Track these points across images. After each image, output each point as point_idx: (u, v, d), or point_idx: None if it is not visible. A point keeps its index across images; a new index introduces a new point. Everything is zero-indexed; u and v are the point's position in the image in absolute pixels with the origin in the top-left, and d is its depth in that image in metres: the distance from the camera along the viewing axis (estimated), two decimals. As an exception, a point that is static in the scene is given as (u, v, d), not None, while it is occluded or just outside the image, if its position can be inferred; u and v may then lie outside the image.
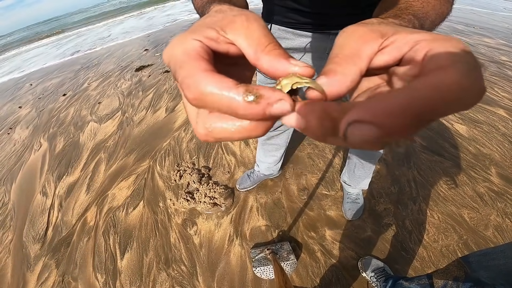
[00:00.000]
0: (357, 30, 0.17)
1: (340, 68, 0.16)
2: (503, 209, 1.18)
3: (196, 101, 0.15)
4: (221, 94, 0.14)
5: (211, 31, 0.17)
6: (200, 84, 0.14)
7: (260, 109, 0.14)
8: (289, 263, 1.04)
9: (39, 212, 1.62)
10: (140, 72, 3.41)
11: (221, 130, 0.15)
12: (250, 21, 0.17)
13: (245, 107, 0.14)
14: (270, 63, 0.16)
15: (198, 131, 0.16)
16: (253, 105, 0.14)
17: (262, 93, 0.14)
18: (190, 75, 0.15)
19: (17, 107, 3.41)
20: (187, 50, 0.16)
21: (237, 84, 0.14)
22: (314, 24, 0.63)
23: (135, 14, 9.64)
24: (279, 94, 0.14)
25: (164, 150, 1.87)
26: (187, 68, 0.15)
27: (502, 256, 0.55)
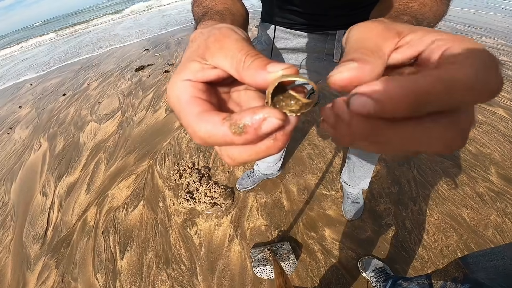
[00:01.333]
0: (375, 27, 0.17)
1: (370, 59, 0.15)
2: (503, 209, 1.18)
3: (203, 143, 0.16)
4: (215, 134, 0.15)
5: (194, 64, 0.18)
6: (196, 132, 0.16)
7: (251, 136, 0.14)
8: (289, 263, 1.04)
9: (39, 212, 1.62)
10: (140, 72, 3.41)
11: (241, 156, 0.16)
12: (221, 41, 0.18)
13: (238, 139, 0.15)
14: (252, 78, 0.16)
15: (225, 160, 0.18)
16: (244, 135, 0.14)
17: (243, 121, 0.14)
18: (187, 125, 0.16)
19: (17, 107, 3.41)
20: (179, 97, 0.17)
21: (223, 119, 0.15)
22: (312, 25, 0.63)
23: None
24: (260, 113, 0.14)
25: (164, 150, 1.87)
26: (183, 117, 0.17)
27: (501, 257, 0.55)
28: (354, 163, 1.10)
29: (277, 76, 0.15)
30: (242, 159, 0.17)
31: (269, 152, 0.16)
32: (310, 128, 1.82)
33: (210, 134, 0.15)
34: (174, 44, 4.36)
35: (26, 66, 5.85)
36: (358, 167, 1.10)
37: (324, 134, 1.76)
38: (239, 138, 0.15)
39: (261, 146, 0.16)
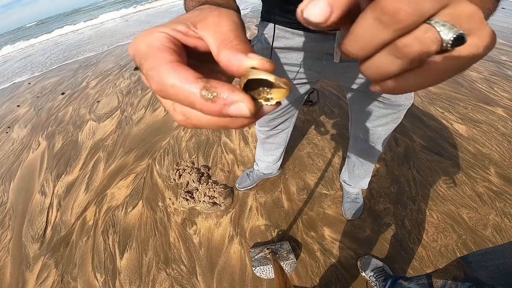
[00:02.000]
0: None
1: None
2: (502, 209, 1.19)
3: (160, 92, 0.15)
4: (181, 87, 0.14)
5: (180, 25, 0.17)
6: (162, 77, 0.14)
7: (216, 109, 0.14)
8: (289, 263, 1.04)
9: (38, 211, 1.61)
10: (139, 71, 3.38)
11: (197, 118, 0.15)
12: (221, 17, 0.17)
13: (201, 104, 0.14)
14: (228, 57, 0.15)
15: (176, 117, 0.16)
16: (209, 103, 0.14)
17: (219, 92, 0.14)
18: (153, 67, 0.15)
19: (15, 106, 3.39)
20: (152, 43, 0.15)
21: (199, 78, 0.14)
22: None
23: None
24: (237, 96, 0.14)
25: (163, 149, 1.86)
26: (151, 60, 0.15)
27: (501, 255, 0.55)
28: (354, 162, 1.10)
29: (251, 65, 0.15)
30: (197, 122, 0.16)
31: (227, 126, 0.15)
32: (309, 128, 1.82)
33: (176, 86, 0.14)
34: (173, 42, 4.33)
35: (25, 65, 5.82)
36: (357, 167, 1.10)
37: (323, 133, 1.76)
38: (203, 104, 0.14)
39: (221, 119, 0.15)
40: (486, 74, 2.26)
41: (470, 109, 1.82)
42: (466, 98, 1.95)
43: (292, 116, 1.01)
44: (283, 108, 0.91)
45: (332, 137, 1.72)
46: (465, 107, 1.85)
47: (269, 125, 1.02)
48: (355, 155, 1.06)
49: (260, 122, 1.03)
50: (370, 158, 1.02)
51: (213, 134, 1.93)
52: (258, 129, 1.09)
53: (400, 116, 0.79)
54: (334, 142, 1.67)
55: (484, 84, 2.10)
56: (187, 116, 0.16)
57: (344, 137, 1.67)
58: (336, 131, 1.75)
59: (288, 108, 0.92)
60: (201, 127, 0.16)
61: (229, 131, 1.92)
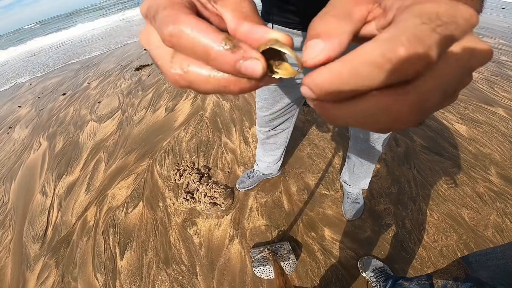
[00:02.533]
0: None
1: (335, 31, 0.14)
2: (503, 209, 1.18)
3: (171, 37, 0.14)
4: (200, 34, 0.13)
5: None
6: (180, 21, 0.14)
7: (232, 60, 0.13)
8: (289, 263, 1.04)
9: (38, 211, 1.62)
10: (140, 72, 3.41)
11: (196, 73, 0.15)
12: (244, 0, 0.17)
13: (217, 52, 0.13)
14: (249, 28, 0.15)
15: (171, 71, 0.15)
16: (227, 53, 0.13)
17: (241, 45, 0.14)
18: (172, 14, 0.14)
19: (16, 107, 3.40)
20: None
21: (218, 32, 0.14)
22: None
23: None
24: (256, 53, 0.14)
25: (164, 149, 1.87)
26: (170, 9, 0.14)
27: (502, 256, 0.55)
28: (354, 162, 1.10)
29: (275, 37, 0.15)
30: (195, 78, 0.15)
31: (226, 87, 0.15)
32: (310, 128, 1.82)
33: (194, 31, 0.13)
34: (174, 43, 4.35)
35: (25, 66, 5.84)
36: (358, 167, 1.10)
37: (324, 133, 1.76)
38: (219, 52, 0.13)
39: (223, 77, 0.14)
40: (486, 74, 2.26)
41: (470, 109, 1.82)
42: (466, 98, 1.95)
43: (292, 117, 1.01)
44: (283, 108, 0.91)
45: (332, 137, 1.72)
46: (465, 107, 1.84)
47: (269, 125, 1.02)
48: (355, 155, 1.06)
49: (260, 123, 1.03)
50: (370, 158, 1.02)
51: (213, 134, 1.93)
52: (258, 130, 1.09)
53: None
54: (334, 143, 1.67)
55: (485, 84, 2.10)
56: (186, 69, 0.15)
57: (344, 137, 1.67)
58: (336, 132, 1.75)
59: (288, 108, 0.92)
60: (196, 85, 0.15)
61: (229, 131, 1.93)
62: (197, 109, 2.28)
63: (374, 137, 0.87)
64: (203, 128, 2.02)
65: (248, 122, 1.99)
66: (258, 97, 0.92)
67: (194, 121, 2.13)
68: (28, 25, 26.58)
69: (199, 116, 2.17)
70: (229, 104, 2.26)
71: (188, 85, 0.15)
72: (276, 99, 0.87)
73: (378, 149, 0.94)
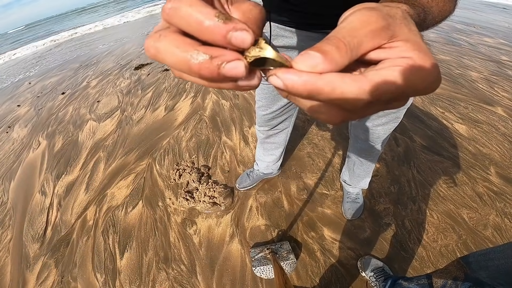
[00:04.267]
0: (375, 21, 0.17)
1: (338, 57, 0.15)
2: (502, 209, 1.19)
3: (170, 9, 0.15)
4: (196, 8, 0.14)
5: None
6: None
7: (224, 29, 0.14)
8: (289, 263, 1.04)
9: (38, 211, 1.61)
10: (139, 71, 3.40)
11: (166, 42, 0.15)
12: (256, 6, 0.18)
13: (210, 23, 0.14)
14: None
15: (148, 39, 0.16)
16: (219, 23, 0.14)
17: (232, 19, 0.14)
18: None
19: (15, 106, 3.39)
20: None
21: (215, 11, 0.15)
22: (310, 24, 0.63)
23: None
24: (246, 26, 0.15)
25: (163, 149, 1.86)
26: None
27: (502, 256, 0.55)
28: (354, 161, 1.10)
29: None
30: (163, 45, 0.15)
31: (199, 70, 0.15)
32: (309, 128, 1.82)
33: (191, 7, 0.14)
34: (173, 42, 4.33)
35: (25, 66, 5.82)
36: (358, 166, 1.10)
37: (323, 133, 1.75)
38: (212, 23, 0.14)
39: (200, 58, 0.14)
40: (486, 74, 2.26)
41: (470, 109, 1.82)
42: (466, 98, 1.95)
43: (291, 116, 1.01)
44: (283, 107, 0.91)
45: (332, 137, 1.72)
46: (465, 107, 1.85)
47: (268, 124, 1.01)
48: (355, 154, 1.06)
49: (259, 122, 1.03)
50: (370, 158, 1.02)
51: (213, 134, 1.93)
52: (258, 129, 1.09)
53: (399, 116, 0.79)
54: (334, 142, 1.67)
55: (485, 84, 2.10)
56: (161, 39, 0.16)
57: (344, 137, 1.67)
58: (336, 131, 1.74)
59: (287, 107, 0.92)
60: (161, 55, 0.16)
61: (229, 131, 1.92)
62: (196, 108, 2.27)
63: (374, 136, 0.87)
64: (203, 127, 2.02)
65: (247, 122, 1.99)
66: (258, 95, 0.92)
67: (193, 120, 2.12)
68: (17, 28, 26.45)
69: (198, 115, 2.17)
70: (229, 103, 2.25)
71: (155, 54, 0.16)
72: (276, 98, 0.87)
73: (378, 149, 0.94)
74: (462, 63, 2.51)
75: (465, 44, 3.00)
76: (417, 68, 0.16)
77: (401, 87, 0.15)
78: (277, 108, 0.91)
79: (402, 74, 0.15)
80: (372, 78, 0.15)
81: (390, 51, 0.17)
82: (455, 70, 2.37)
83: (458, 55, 2.68)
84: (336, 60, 0.15)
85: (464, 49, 2.83)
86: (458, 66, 2.44)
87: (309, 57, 0.15)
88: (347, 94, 0.15)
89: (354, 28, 0.16)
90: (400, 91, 0.15)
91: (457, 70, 2.37)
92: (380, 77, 0.15)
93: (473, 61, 2.54)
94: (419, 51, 0.16)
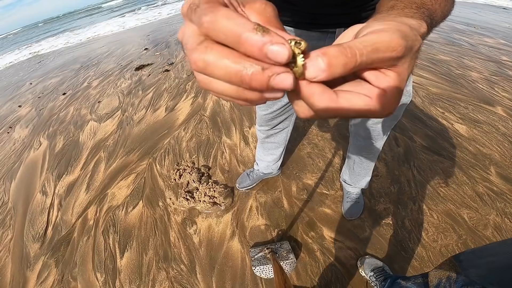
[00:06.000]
0: (391, 40, 0.18)
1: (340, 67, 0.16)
2: (503, 209, 1.18)
3: (209, 23, 0.15)
4: (234, 21, 0.15)
5: (233, 0, 0.19)
6: (219, 11, 0.15)
7: (260, 42, 0.14)
8: (289, 262, 1.04)
9: (38, 211, 1.62)
10: (140, 71, 3.41)
11: (213, 57, 0.16)
12: (267, 4, 0.19)
13: (247, 36, 0.14)
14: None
15: (194, 54, 0.16)
16: (257, 36, 0.14)
17: (270, 32, 0.15)
18: (211, 6, 0.16)
19: (17, 106, 3.41)
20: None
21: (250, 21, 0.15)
22: (310, 23, 0.64)
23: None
24: (283, 39, 0.15)
25: (164, 149, 1.87)
26: (211, 4, 0.16)
27: (491, 253, 0.55)
28: (354, 160, 1.10)
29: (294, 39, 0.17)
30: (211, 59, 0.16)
31: (250, 81, 0.15)
32: (310, 128, 1.82)
33: (229, 20, 0.15)
34: (174, 43, 4.36)
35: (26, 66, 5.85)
36: (358, 164, 1.10)
37: (324, 133, 1.76)
38: (250, 36, 0.14)
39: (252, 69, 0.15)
40: (486, 74, 2.26)
41: (470, 109, 1.82)
42: (466, 98, 1.95)
43: (291, 115, 1.01)
44: (283, 106, 0.91)
45: (332, 137, 1.72)
46: (465, 107, 1.84)
47: (268, 124, 1.02)
48: (355, 152, 1.06)
49: (260, 121, 1.03)
50: (370, 156, 1.03)
51: (213, 134, 1.93)
52: (258, 129, 1.10)
53: (398, 113, 0.79)
54: (334, 142, 1.67)
55: (485, 84, 2.10)
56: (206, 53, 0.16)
57: (345, 137, 1.67)
58: (336, 131, 1.75)
59: (288, 107, 0.93)
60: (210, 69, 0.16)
61: (229, 131, 1.93)
62: (197, 109, 2.28)
63: (374, 134, 0.88)
64: (203, 127, 2.03)
65: (248, 122, 1.99)
66: None
67: (194, 120, 2.13)
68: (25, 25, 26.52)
69: (199, 116, 2.18)
70: (229, 104, 2.26)
71: (204, 67, 0.16)
72: None
73: (378, 147, 0.94)
74: (463, 63, 2.51)
75: (465, 44, 3.00)
76: (379, 108, 0.18)
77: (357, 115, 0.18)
78: (277, 108, 0.91)
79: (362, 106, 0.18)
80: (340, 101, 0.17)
81: (379, 78, 0.18)
82: (455, 70, 2.37)
83: (458, 56, 2.68)
84: (336, 74, 0.16)
85: (464, 50, 2.83)
86: (458, 66, 2.44)
87: (314, 64, 0.16)
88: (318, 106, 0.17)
89: (379, 49, 0.17)
90: (355, 115, 0.18)
91: (457, 70, 2.37)
92: (347, 102, 0.18)
93: (473, 61, 2.54)
94: (396, 86, 0.19)
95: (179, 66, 3.32)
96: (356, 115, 0.18)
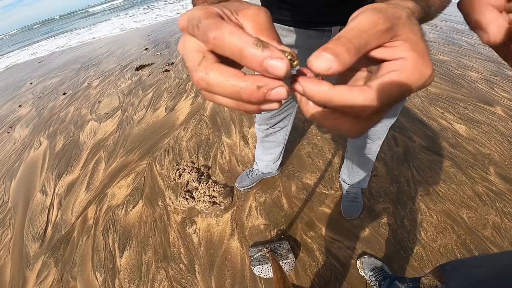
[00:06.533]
0: (380, 23, 0.18)
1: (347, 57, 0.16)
2: (502, 209, 1.18)
3: (215, 40, 0.16)
4: (237, 37, 0.16)
5: (226, 9, 0.19)
6: (223, 27, 0.16)
7: (261, 57, 0.15)
8: (288, 262, 1.04)
9: (38, 210, 1.62)
10: (140, 71, 3.42)
11: (215, 77, 0.17)
12: (260, 10, 0.20)
13: (250, 51, 0.16)
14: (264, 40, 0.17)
15: (197, 73, 0.17)
16: (258, 51, 0.15)
17: (269, 47, 0.16)
18: (214, 22, 0.17)
19: (17, 106, 3.41)
20: (209, 11, 0.18)
21: (252, 36, 0.16)
22: (308, 22, 0.64)
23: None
24: (281, 54, 0.16)
25: (163, 148, 1.87)
26: (212, 19, 0.17)
27: (476, 265, 0.54)
28: (353, 159, 1.10)
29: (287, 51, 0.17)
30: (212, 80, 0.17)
31: (238, 92, 0.16)
32: (309, 127, 1.82)
33: (233, 36, 0.16)
34: (174, 43, 4.36)
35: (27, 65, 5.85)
36: (356, 164, 1.10)
37: (323, 133, 1.76)
38: (251, 51, 0.15)
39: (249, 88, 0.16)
40: (486, 74, 2.26)
41: (470, 109, 1.82)
42: (466, 98, 1.95)
43: (290, 114, 1.02)
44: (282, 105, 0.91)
45: (332, 136, 1.72)
46: (465, 107, 1.84)
47: (268, 123, 1.02)
48: (354, 152, 1.07)
49: (259, 121, 1.03)
50: (368, 155, 1.03)
51: (213, 134, 1.94)
52: (257, 128, 1.10)
53: (395, 112, 0.80)
54: (333, 142, 1.67)
55: (484, 84, 2.10)
56: (208, 73, 0.17)
57: (344, 137, 1.68)
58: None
59: (286, 105, 0.93)
60: (212, 87, 0.17)
61: (229, 131, 1.93)
62: (197, 109, 2.28)
63: (371, 133, 0.88)
64: (203, 127, 2.03)
65: (247, 122, 1.99)
66: None
67: (194, 120, 2.13)
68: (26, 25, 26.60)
69: (199, 116, 2.18)
70: (229, 104, 2.26)
71: (206, 86, 0.17)
72: None
73: (376, 146, 0.95)
74: (462, 63, 2.51)
75: (464, 44, 3.00)
76: (411, 70, 0.17)
77: (400, 91, 0.17)
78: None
79: (399, 78, 0.17)
80: (375, 88, 0.17)
81: (390, 50, 0.18)
82: (454, 71, 2.37)
83: (457, 56, 2.68)
84: (346, 61, 0.16)
85: (463, 50, 2.83)
86: (457, 67, 2.44)
87: (323, 59, 0.16)
88: (356, 103, 0.16)
89: (362, 29, 0.17)
90: (399, 93, 0.17)
91: (456, 71, 2.37)
92: (381, 85, 0.17)
93: (473, 61, 2.54)
94: (414, 50, 0.18)
95: (179, 66, 3.32)
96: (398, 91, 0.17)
